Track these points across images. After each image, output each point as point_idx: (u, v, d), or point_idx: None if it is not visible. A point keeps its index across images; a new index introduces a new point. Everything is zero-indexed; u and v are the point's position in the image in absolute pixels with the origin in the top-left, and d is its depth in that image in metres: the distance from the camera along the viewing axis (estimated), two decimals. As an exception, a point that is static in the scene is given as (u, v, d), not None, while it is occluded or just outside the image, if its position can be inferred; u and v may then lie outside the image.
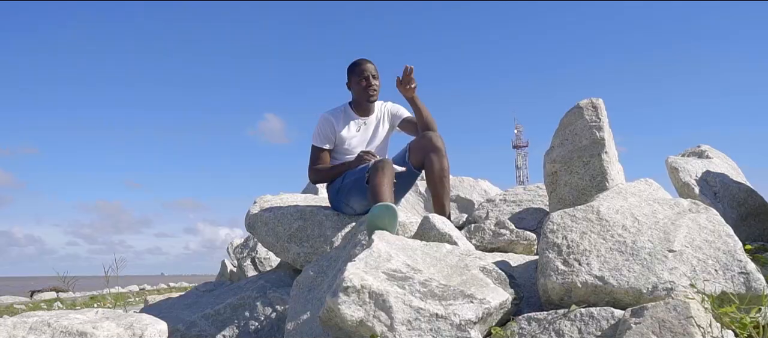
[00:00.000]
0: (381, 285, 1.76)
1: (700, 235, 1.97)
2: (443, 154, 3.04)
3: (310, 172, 3.29)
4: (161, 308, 3.82)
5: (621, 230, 2.02)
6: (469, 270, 2.07)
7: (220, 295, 3.70)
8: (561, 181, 2.87)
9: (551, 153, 2.94)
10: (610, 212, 2.12)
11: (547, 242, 2.05)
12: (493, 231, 2.72)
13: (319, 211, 3.33)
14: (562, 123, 2.96)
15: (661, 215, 2.10)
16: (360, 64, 3.20)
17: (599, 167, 2.74)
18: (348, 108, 3.29)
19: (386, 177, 2.60)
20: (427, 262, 2.08)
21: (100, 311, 2.53)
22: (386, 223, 2.30)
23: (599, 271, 1.87)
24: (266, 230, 3.45)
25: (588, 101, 2.89)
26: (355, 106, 3.28)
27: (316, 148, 3.25)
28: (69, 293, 23.77)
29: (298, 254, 3.23)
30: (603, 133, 2.78)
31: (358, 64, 3.20)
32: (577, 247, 1.98)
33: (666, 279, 1.79)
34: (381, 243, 2.11)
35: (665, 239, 1.95)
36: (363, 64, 3.19)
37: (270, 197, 3.96)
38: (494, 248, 2.70)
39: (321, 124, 3.22)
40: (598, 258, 1.92)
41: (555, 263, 1.96)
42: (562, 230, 2.08)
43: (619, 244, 1.96)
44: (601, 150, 2.75)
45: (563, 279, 1.90)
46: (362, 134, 3.27)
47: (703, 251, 1.89)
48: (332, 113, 3.26)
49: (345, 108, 3.29)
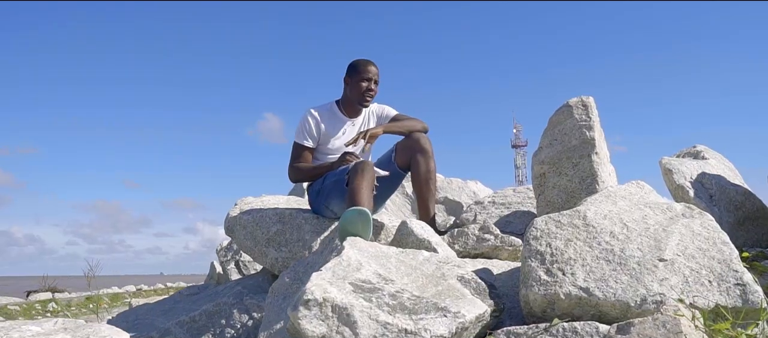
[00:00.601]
0: (345, 297, 1.62)
1: (693, 243, 1.84)
2: (430, 155, 2.92)
3: (290, 170, 3.15)
4: (138, 313, 3.68)
5: (609, 237, 1.88)
6: (446, 279, 1.93)
7: (197, 301, 3.57)
8: (549, 183, 2.73)
9: (539, 154, 2.80)
10: (598, 217, 1.98)
11: (530, 249, 1.91)
12: (477, 236, 2.58)
13: (299, 214, 3.20)
14: (551, 122, 2.82)
15: (652, 221, 1.96)
16: (366, 64, 3.05)
17: (589, 169, 2.60)
18: (335, 107, 3.15)
19: (366, 180, 2.46)
20: (402, 271, 1.94)
21: (59, 321, 2.39)
22: (359, 229, 2.16)
23: (584, 282, 1.74)
24: (245, 233, 3.32)
25: (578, 99, 2.76)
26: (344, 105, 3.14)
27: (297, 145, 3.10)
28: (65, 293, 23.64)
29: (276, 259, 3.10)
30: (593, 133, 2.64)
31: (364, 64, 3.05)
32: (562, 255, 1.85)
33: (656, 290, 1.65)
34: (352, 251, 1.97)
35: (656, 247, 1.81)
36: (369, 66, 3.04)
37: (251, 199, 3.82)
38: (478, 254, 2.56)
39: (305, 120, 3.07)
40: (584, 268, 1.79)
41: (537, 272, 1.83)
42: (546, 236, 1.94)
43: (607, 252, 1.82)
44: (591, 151, 2.62)
45: (546, 290, 1.77)
46: (347, 135, 3.13)
47: (697, 260, 1.76)
48: (319, 109, 3.11)
49: (332, 106, 3.15)
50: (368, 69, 3.00)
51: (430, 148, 2.92)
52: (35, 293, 22.00)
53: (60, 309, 18.68)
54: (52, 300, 20.54)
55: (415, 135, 2.94)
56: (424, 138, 2.91)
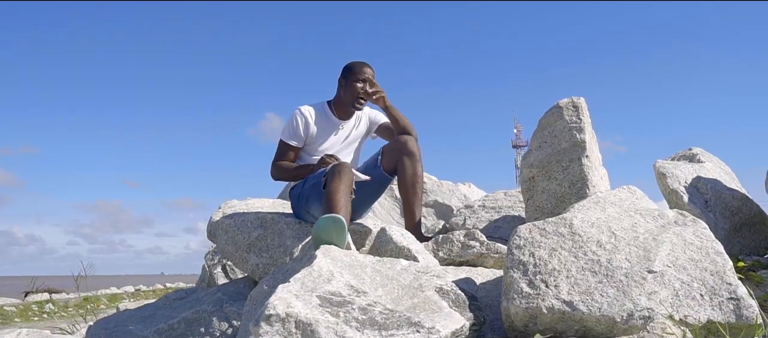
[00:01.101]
0: (310, 312, 1.51)
1: (685, 253, 1.73)
2: (417, 159, 2.82)
3: (273, 168, 3.03)
4: (118, 320, 3.58)
5: (595, 246, 1.77)
6: (423, 291, 1.83)
7: (179, 307, 3.46)
8: (538, 187, 2.62)
9: (528, 157, 2.70)
10: (585, 225, 1.87)
11: (513, 259, 1.80)
12: (462, 243, 2.47)
13: (281, 219, 3.09)
14: (541, 124, 2.71)
15: (642, 229, 1.86)
16: (362, 65, 2.95)
17: (579, 173, 2.49)
18: (327, 107, 3.03)
19: (343, 183, 2.36)
20: (377, 282, 1.84)
21: (23, 331, 2.29)
22: (334, 237, 2.06)
23: (568, 295, 1.63)
24: (226, 238, 3.21)
25: (568, 100, 2.65)
26: (335, 106, 3.02)
27: (283, 143, 2.99)
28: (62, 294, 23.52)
29: (257, 265, 3.00)
30: (584, 135, 2.53)
31: (360, 65, 2.95)
32: (545, 266, 1.74)
33: (643, 305, 1.54)
34: (324, 260, 1.86)
35: (645, 258, 1.70)
36: (365, 67, 2.94)
37: (236, 202, 3.71)
38: (463, 261, 2.45)
39: (294, 119, 2.94)
40: (568, 279, 1.68)
41: (519, 284, 1.72)
42: (530, 245, 1.83)
43: (593, 263, 1.71)
44: (582, 154, 2.51)
45: (528, 303, 1.66)
46: (336, 138, 3.02)
47: (688, 272, 1.65)
48: (309, 108, 2.98)
49: (324, 106, 3.03)
50: (364, 70, 2.90)
51: (418, 151, 2.82)
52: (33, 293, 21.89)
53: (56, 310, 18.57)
54: (50, 301, 20.43)
55: (403, 138, 2.84)
56: (411, 141, 2.81)
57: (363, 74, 2.88)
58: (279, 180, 3.08)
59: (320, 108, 2.99)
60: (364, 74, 2.89)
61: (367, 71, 2.90)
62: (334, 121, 2.97)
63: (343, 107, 2.96)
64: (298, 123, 2.90)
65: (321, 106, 3.01)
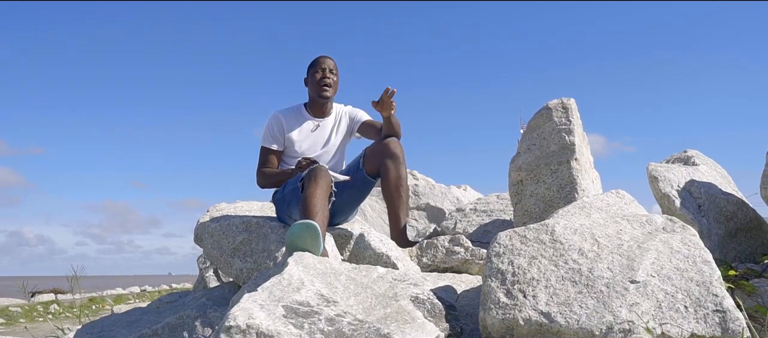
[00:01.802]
0: (273, 324, 1.44)
1: (670, 261, 1.65)
2: (401, 161, 2.75)
3: (257, 176, 3.00)
4: (104, 324, 3.53)
5: (577, 254, 1.70)
6: (398, 300, 1.76)
7: (165, 311, 3.41)
8: (527, 191, 2.54)
9: (517, 160, 2.62)
10: (567, 232, 1.79)
11: (491, 267, 1.73)
12: (447, 249, 2.40)
13: (266, 223, 3.03)
14: (530, 126, 2.63)
15: (627, 236, 1.78)
16: (318, 58, 2.97)
17: (568, 176, 2.41)
18: (302, 108, 3.01)
19: (319, 187, 2.29)
20: (350, 290, 1.77)
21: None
22: (308, 243, 1.99)
23: (546, 306, 1.55)
24: (212, 242, 3.15)
25: (558, 101, 2.57)
26: (310, 106, 3.00)
27: (263, 149, 2.96)
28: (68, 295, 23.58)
29: (241, 269, 2.93)
30: (573, 137, 2.45)
31: (316, 59, 2.97)
32: (524, 275, 1.66)
33: (624, 317, 1.46)
34: (295, 268, 1.79)
35: (628, 267, 1.62)
36: (321, 58, 2.96)
37: (224, 205, 3.66)
38: (447, 268, 2.38)
39: (269, 123, 2.94)
40: (547, 289, 1.60)
41: (496, 294, 1.64)
42: (510, 253, 1.76)
43: (573, 272, 1.64)
44: (571, 157, 2.43)
45: (504, 313, 1.59)
46: (315, 137, 2.97)
47: (673, 282, 1.57)
48: (283, 111, 2.98)
49: (299, 107, 3.01)
50: (321, 61, 2.93)
51: (401, 153, 2.75)
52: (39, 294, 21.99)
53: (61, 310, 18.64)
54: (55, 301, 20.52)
55: (386, 140, 2.77)
56: (394, 142, 2.74)
57: (321, 64, 2.91)
58: (265, 187, 3.04)
59: (295, 109, 2.98)
60: (322, 64, 2.92)
61: (325, 61, 2.94)
62: (310, 119, 2.94)
63: (315, 104, 2.95)
64: (273, 126, 2.90)
65: (296, 107, 3.00)
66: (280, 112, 2.95)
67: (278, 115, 2.93)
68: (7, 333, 11.99)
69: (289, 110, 2.97)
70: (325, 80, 2.87)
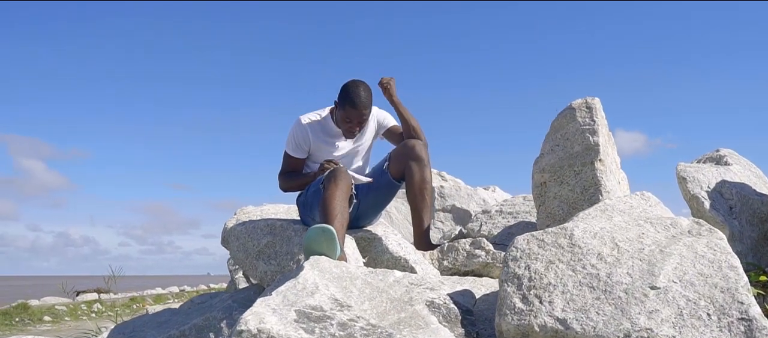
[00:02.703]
0: (284, 328, 1.45)
1: (694, 266, 1.59)
2: (425, 163, 2.73)
3: (279, 180, 3.02)
4: (135, 325, 3.62)
5: (595, 259, 1.65)
6: (413, 304, 1.74)
7: (191, 314, 3.48)
8: (550, 193, 2.49)
9: (540, 161, 2.57)
10: (586, 236, 1.75)
11: (508, 272, 1.70)
12: (468, 252, 2.37)
13: (290, 226, 3.05)
14: (553, 127, 2.58)
15: (649, 240, 1.72)
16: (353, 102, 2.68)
17: (592, 178, 2.35)
18: (328, 118, 2.95)
19: (339, 189, 2.29)
20: (365, 295, 1.76)
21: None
22: (324, 247, 1.99)
23: (562, 312, 1.52)
24: (238, 245, 3.20)
25: (581, 100, 2.51)
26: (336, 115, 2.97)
27: (286, 155, 2.96)
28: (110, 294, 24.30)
29: (266, 272, 2.97)
30: (597, 137, 2.39)
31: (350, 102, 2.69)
32: (541, 280, 1.63)
33: (642, 325, 1.42)
34: (311, 272, 1.80)
35: (649, 273, 1.57)
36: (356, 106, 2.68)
37: (251, 208, 3.71)
38: (468, 271, 2.35)
39: (294, 131, 2.90)
40: (564, 295, 1.56)
41: (512, 299, 1.61)
42: (527, 257, 1.72)
43: (591, 278, 1.59)
44: (595, 158, 2.37)
45: (520, 319, 1.55)
46: (341, 146, 2.96)
47: (696, 288, 1.51)
48: (309, 120, 2.91)
49: (325, 116, 2.95)
50: (352, 112, 2.68)
51: (426, 156, 2.73)
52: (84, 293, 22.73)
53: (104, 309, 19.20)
54: (98, 300, 21.16)
55: (411, 142, 2.75)
56: (419, 145, 2.72)
57: (350, 116, 2.69)
58: (287, 191, 3.05)
59: (321, 117, 2.91)
60: (351, 115, 2.69)
61: (355, 112, 2.69)
62: (335, 130, 2.88)
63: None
64: (298, 135, 2.85)
65: (323, 115, 2.92)
66: (305, 118, 2.89)
67: (304, 125, 2.84)
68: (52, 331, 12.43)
69: (315, 115, 2.91)
70: (353, 130, 2.76)
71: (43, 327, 13.69)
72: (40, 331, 12.75)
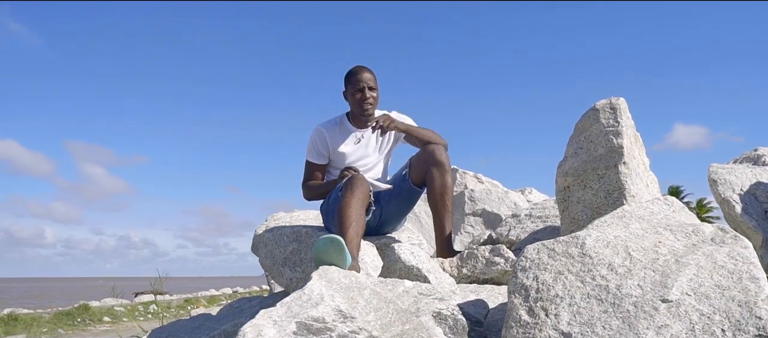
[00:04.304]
0: (282, 341, 1.46)
1: (712, 278, 1.50)
2: (446, 169, 2.70)
3: (303, 189, 3.06)
4: (171, 329, 3.73)
5: (606, 270, 1.58)
6: (419, 315, 1.72)
7: (222, 319, 3.55)
8: (573, 197, 2.41)
9: (563, 165, 2.49)
10: (599, 245, 1.68)
11: (516, 283, 1.65)
12: (487, 259, 2.32)
13: (315, 233, 3.08)
14: (577, 129, 2.50)
15: (665, 250, 1.64)
16: (356, 72, 2.89)
17: (616, 181, 2.26)
18: (345, 119, 3.02)
19: (355, 197, 2.29)
20: (372, 305, 1.75)
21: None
22: (333, 257, 1.99)
23: (568, 325, 1.46)
24: (266, 252, 3.25)
25: (606, 101, 2.42)
26: (352, 117, 3.00)
27: (308, 163, 3.01)
28: (166, 296, 25.18)
29: (291, 279, 3.00)
30: (621, 139, 2.29)
31: (353, 73, 2.90)
32: (548, 291, 1.57)
33: (650, 340, 1.35)
34: (318, 283, 1.80)
35: (661, 284, 1.49)
36: (359, 73, 2.88)
37: (282, 214, 3.76)
38: (487, 279, 2.30)
39: (313, 138, 2.97)
40: (571, 308, 1.51)
41: (519, 311, 1.57)
42: (536, 267, 1.67)
43: (600, 289, 1.53)
44: (619, 160, 2.28)
45: (525, 333, 1.51)
46: (360, 148, 2.98)
47: (711, 301, 1.42)
48: (326, 125, 3.00)
49: (341, 119, 3.02)
50: (358, 77, 2.84)
51: (447, 161, 2.70)
52: (142, 294, 23.68)
53: (159, 310, 19.91)
54: (154, 302, 21.95)
55: (430, 147, 2.73)
56: (439, 150, 2.69)
57: (359, 82, 2.83)
58: (310, 200, 3.08)
59: (338, 121, 2.97)
60: (360, 82, 2.83)
61: (364, 77, 2.84)
62: (354, 131, 2.92)
63: (357, 116, 2.92)
64: (316, 141, 2.91)
65: (339, 119, 2.98)
66: (322, 125, 2.96)
67: (321, 129, 2.93)
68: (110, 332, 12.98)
69: (332, 123, 2.98)
70: (367, 101, 2.83)
71: (102, 327, 14.32)
72: (99, 331, 13.35)
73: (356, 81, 2.85)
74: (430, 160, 2.71)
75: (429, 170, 2.71)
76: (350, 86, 2.88)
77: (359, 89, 2.83)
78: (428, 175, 2.72)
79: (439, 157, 2.70)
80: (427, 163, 2.72)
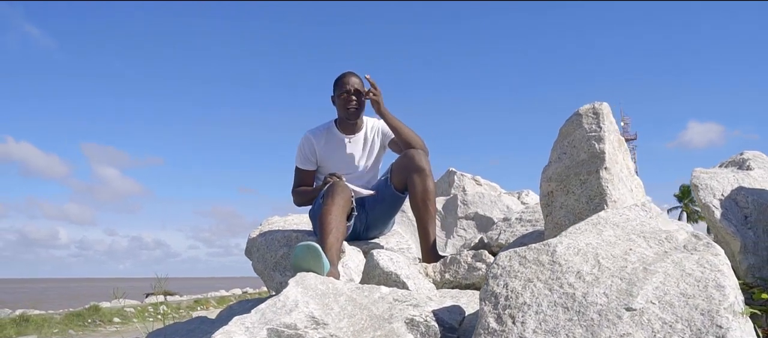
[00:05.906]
0: (250, 349, 1.48)
1: (678, 286, 1.50)
2: (427, 174, 2.72)
3: (293, 195, 3.10)
4: (167, 332, 3.77)
5: (574, 278, 1.59)
6: (392, 322, 1.74)
7: (216, 323, 3.59)
8: (557, 203, 2.42)
9: (548, 170, 2.50)
10: (569, 252, 1.69)
11: (487, 290, 1.67)
12: (469, 265, 2.34)
13: (305, 238, 3.11)
14: (561, 133, 2.50)
15: (634, 257, 1.64)
16: (342, 77, 2.95)
17: (597, 187, 2.27)
18: (333, 126, 3.05)
19: (335, 204, 2.32)
20: (346, 312, 1.77)
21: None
22: (311, 264, 2.02)
23: (533, 333, 1.47)
24: (258, 256, 3.29)
25: (589, 106, 2.42)
26: (340, 123, 3.04)
27: (297, 169, 3.05)
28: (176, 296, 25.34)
29: (281, 283, 3.03)
30: (603, 145, 2.30)
31: (340, 78, 2.95)
32: (516, 299, 1.59)
33: (612, 349, 1.36)
34: (294, 289, 1.83)
35: (626, 292, 1.50)
36: (345, 78, 2.93)
37: (277, 219, 3.79)
38: (469, 284, 2.32)
39: (301, 144, 3.01)
40: (537, 316, 1.52)
41: (487, 319, 1.58)
42: (506, 275, 1.69)
43: (566, 297, 1.54)
44: (600, 166, 2.28)
45: (492, 340, 1.52)
46: (347, 154, 3.01)
47: (674, 310, 1.43)
48: (314, 131, 3.04)
49: (329, 126, 3.06)
50: (345, 81, 2.89)
51: (428, 166, 2.72)
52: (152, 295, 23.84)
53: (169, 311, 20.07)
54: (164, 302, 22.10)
55: (410, 152, 2.75)
56: (419, 155, 2.71)
57: (345, 86, 2.88)
58: (300, 205, 3.12)
59: (326, 128, 3.01)
60: (346, 85, 2.88)
61: (351, 81, 2.88)
62: (340, 137, 2.95)
63: (344, 122, 2.96)
64: (305, 147, 2.96)
65: (327, 125, 3.02)
66: (310, 132, 3.00)
67: (309, 136, 2.98)
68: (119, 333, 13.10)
69: (320, 129, 3.02)
70: (352, 104, 2.87)
71: (111, 328, 14.46)
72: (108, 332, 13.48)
73: (342, 84, 2.90)
74: (411, 166, 2.73)
75: (410, 176, 2.73)
76: (337, 90, 2.93)
77: (345, 91, 2.87)
78: (409, 181, 2.74)
79: (419, 162, 2.71)
80: (408, 169, 2.74)
